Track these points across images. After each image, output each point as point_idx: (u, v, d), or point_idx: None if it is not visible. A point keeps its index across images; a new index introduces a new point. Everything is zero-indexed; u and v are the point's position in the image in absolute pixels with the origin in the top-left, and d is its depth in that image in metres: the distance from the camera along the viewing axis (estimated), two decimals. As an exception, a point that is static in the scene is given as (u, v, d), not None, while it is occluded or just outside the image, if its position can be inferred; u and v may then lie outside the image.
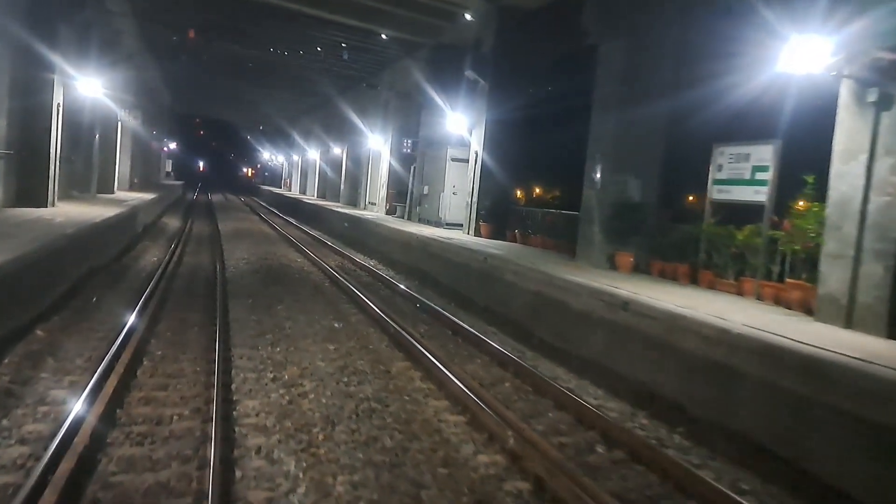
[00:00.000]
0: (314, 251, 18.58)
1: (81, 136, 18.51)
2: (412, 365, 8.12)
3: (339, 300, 11.83)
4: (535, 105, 15.81)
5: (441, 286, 13.66)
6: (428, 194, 21.34)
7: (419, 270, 15.37)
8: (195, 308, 10.24)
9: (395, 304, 11.91)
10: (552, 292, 9.76)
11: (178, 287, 11.91)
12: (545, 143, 16.41)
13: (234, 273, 13.93)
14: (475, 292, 12.21)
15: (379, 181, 28.09)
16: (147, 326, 8.67)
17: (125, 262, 14.03)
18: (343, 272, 15.12)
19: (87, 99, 17.11)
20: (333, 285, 13.42)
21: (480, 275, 12.14)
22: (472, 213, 17.32)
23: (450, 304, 12.12)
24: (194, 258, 16.00)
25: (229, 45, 26.90)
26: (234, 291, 11.72)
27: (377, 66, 26.12)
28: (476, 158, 17.32)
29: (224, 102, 49.87)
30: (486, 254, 12.52)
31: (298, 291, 12.09)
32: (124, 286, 11.35)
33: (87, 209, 15.27)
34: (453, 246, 14.02)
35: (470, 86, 17.64)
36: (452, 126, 17.98)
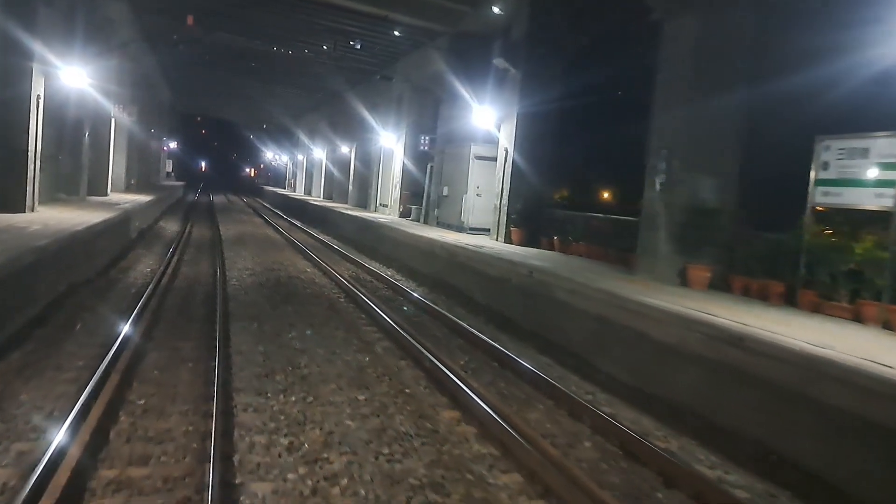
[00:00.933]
0: (324, 259, 16.87)
1: (68, 133, 16.81)
2: (462, 415, 6.39)
3: (360, 322, 10.10)
4: (575, 95, 14.07)
5: (473, 303, 11.92)
6: (448, 196, 19.60)
7: (445, 283, 13.63)
8: (190, 335, 8.53)
9: (425, 327, 10.18)
10: (622, 317, 8.01)
11: (172, 306, 10.20)
12: (587, 138, 14.70)
13: (236, 287, 12.21)
14: (517, 313, 10.47)
15: (391, 181, 26.37)
16: (129, 364, 6.95)
17: (112, 276, 12.32)
18: (359, 284, 13.39)
19: (72, 91, 15.40)
20: (350, 301, 11.70)
21: (524, 292, 10.39)
22: (502, 217, 15.58)
23: (488, 327, 10.38)
24: (192, 268, 14.30)
25: (230, 36, 25.20)
26: (236, 312, 10.00)
27: (390, 57, 24.37)
28: (506, 156, 15.58)
29: (226, 100, 48.21)
30: (529, 266, 10.78)
31: (312, 312, 10.35)
32: (106, 308, 9.63)
33: (71, 214, 13.58)
34: (486, 255, 12.27)
35: (498, 76, 15.90)
36: (478, 120, 16.24)
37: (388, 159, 27.33)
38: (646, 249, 10.30)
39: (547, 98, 14.75)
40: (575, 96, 14.17)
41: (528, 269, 10.55)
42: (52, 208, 14.45)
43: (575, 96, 14.17)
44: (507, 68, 15.36)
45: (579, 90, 13.93)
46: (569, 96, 14.28)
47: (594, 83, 13.76)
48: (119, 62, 22.03)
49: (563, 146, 14.77)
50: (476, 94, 16.58)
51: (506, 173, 15.56)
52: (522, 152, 15.24)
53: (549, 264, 11.30)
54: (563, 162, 14.51)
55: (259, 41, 25.62)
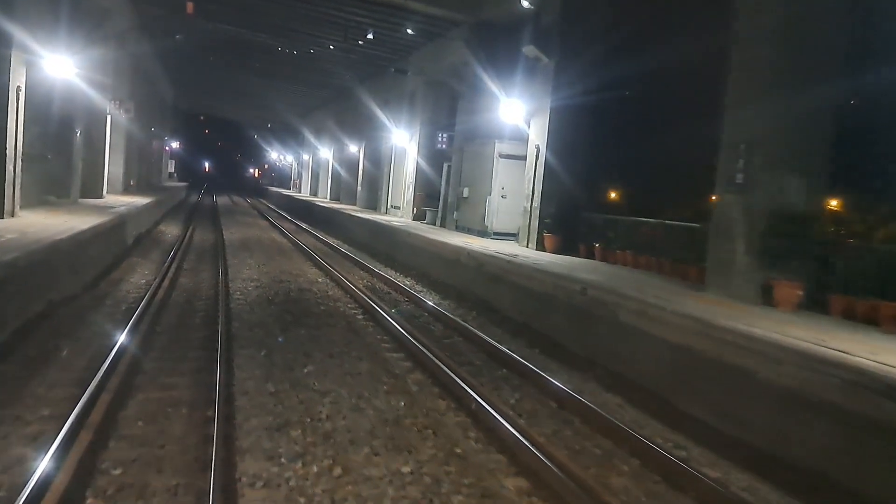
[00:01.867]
0: (336, 267, 15.43)
1: (57, 131, 15.40)
2: (531, 485, 4.95)
3: (384, 347, 8.64)
4: (617, 84, 12.57)
5: (510, 322, 10.44)
6: (468, 198, 18.14)
7: (474, 297, 12.17)
8: (186, 368, 7.10)
9: (459, 352, 8.73)
10: (712, 349, 6.55)
11: (166, 328, 8.77)
12: (633, 132, 13.20)
13: (240, 303, 10.78)
14: (568, 336, 8.99)
15: (404, 182, 24.93)
16: (108, 412, 5.55)
17: (101, 290, 10.90)
18: (377, 297, 11.95)
19: (60, 84, 13.99)
20: (369, 319, 10.25)
21: (575, 311, 8.92)
22: (533, 222, 14.11)
23: (533, 352, 8.91)
24: (192, 279, 12.87)
25: (233, 28, 23.81)
26: (240, 336, 8.56)
27: (403, 50, 22.90)
28: (537, 154, 14.12)
29: (230, 98, 46.90)
30: (577, 279, 9.32)
31: (328, 335, 8.87)
32: (89, 332, 8.19)
33: (57, 220, 12.17)
34: (524, 266, 10.81)
35: (528, 65, 14.43)
36: (505, 115, 14.77)
37: (399, 158, 25.91)
38: (718, 261, 8.82)
39: (584, 89, 13.28)
40: (617, 86, 12.69)
41: (579, 283, 9.09)
42: (37, 213, 13.04)
43: (617, 86, 12.69)
44: (538, 57, 13.89)
45: (622, 79, 12.44)
46: (610, 87, 12.79)
47: (644, 68, 12.23)
48: (115, 55, 20.64)
49: (605, 142, 13.29)
50: (502, 87, 15.12)
51: (537, 173, 14.09)
52: (556, 150, 13.78)
53: (600, 277, 9.83)
54: (605, 160, 13.02)
55: (264, 34, 24.23)
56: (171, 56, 30.92)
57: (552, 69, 13.69)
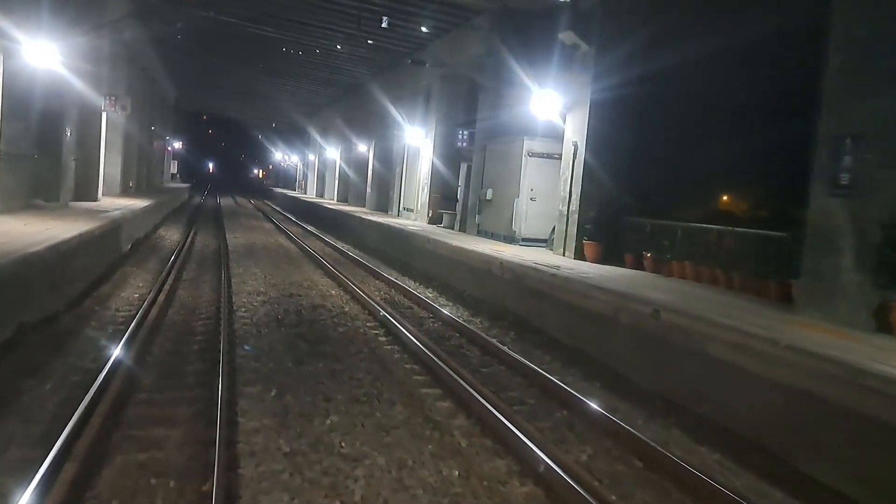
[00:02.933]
0: (349, 276, 14.03)
1: (45, 128, 14.04)
2: None
3: (417, 383, 7.22)
4: (663, 74, 11.14)
5: (559, 347, 8.99)
6: (492, 200, 16.71)
7: (509, 314, 10.74)
8: (178, 417, 5.71)
9: (506, 386, 7.32)
10: (850, 397, 5.11)
11: (157, 359, 7.37)
12: (689, 125, 11.75)
13: (246, 323, 9.37)
14: (634, 368, 7.55)
15: (417, 183, 23.53)
16: (66, 497, 4.16)
17: (86, 308, 9.50)
18: (399, 314, 10.55)
19: (48, 76, 12.62)
20: (395, 343, 8.84)
21: (644, 339, 7.49)
22: (570, 228, 12.68)
23: (593, 387, 7.46)
24: (191, 292, 11.49)
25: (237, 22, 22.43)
26: (245, 368, 7.16)
27: (416, 41, 21.46)
28: (574, 152, 12.69)
29: (233, 97, 45.54)
30: (644, 299, 7.88)
31: (352, 368, 7.40)
32: (63, 366, 6.79)
33: (40, 226, 10.79)
34: (574, 282, 9.38)
35: (565, 54, 13.00)
36: (537, 109, 13.34)
37: (413, 158, 24.52)
38: (816, 278, 7.39)
39: (628, 79, 11.85)
40: (663, 77, 11.25)
41: (646, 303, 7.65)
42: (18, 219, 11.66)
43: (663, 77, 11.25)
44: (576, 44, 12.47)
45: (668, 69, 10.99)
46: (655, 77, 11.36)
47: (689, 59, 10.79)
48: (110, 48, 19.30)
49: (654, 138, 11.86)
50: (534, 78, 13.69)
51: (574, 173, 12.67)
52: (596, 147, 12.36)
53: (669, 296, 8.39)
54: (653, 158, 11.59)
55: (269, 27, 22.85)
56: (172, 51, 29.59)
57: (592, 57, 12.27)
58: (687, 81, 11.41)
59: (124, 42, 22.29)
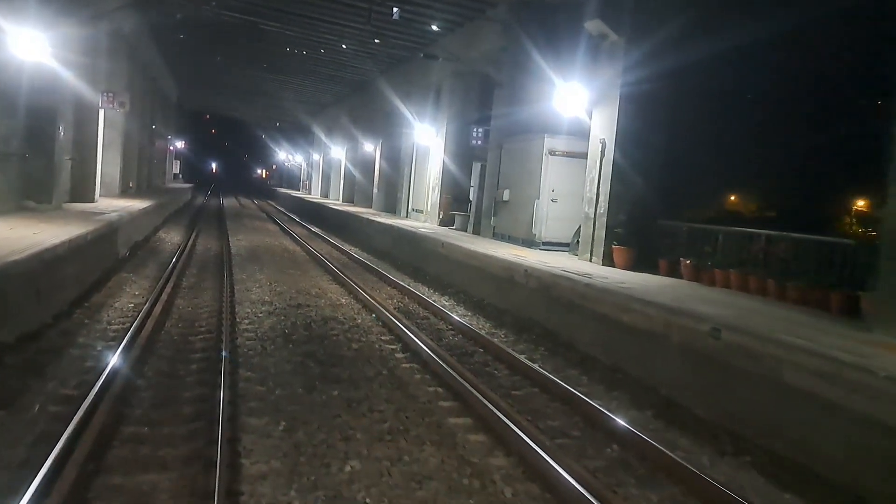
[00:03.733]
0: (359, 282, 13.19)
1: (33, 124, 13.22)
2: None
3: (445, 411, 6.36)
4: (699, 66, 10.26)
5: (597, 366, 8.12)
6: (509, 201, 15.85)
7: (535, 326, 9.88)
8: (171, 458, 4.88)
9: (544, 414, 6.46)
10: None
11: (150, 383, 6.52)
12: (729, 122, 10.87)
13: (250, 339, 8.53)
14: (689, 394, 6.66)
15: (427, 183, 22.69)
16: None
17: (74, 321, 8.66)
18: (415, 326, 9.72)
19: (30, 67, 11.78)
20: (415, 361, 7.98)
21: (699, 361, 6.61)
22: (598, 232, 11.81)
23: (644, 415, 6.60)
24: (191, 301, 10.66)
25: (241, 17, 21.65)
26: (250, 395, 6.30)
27: (427, 37, 20.59)
28: (602, 150, 11.82)
29: (237, 96, 44.81)
30: (697, 315, 7.01)
31: (371, 396, 6.47)
32: (40, 396, 5.93)
33: (28, 231, 9.95)
34: (613, 293, 8.50)
35: (591, 45, 12.14)
36: (561, 104, 12.48)
37: (422, 157, 23.67)
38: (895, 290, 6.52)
39: (663, 71, 10.98)
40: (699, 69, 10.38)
41: (700, 319, 6.77)
42: (5, 222, 10.82)
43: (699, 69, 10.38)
44: (604, 34, 11.60)
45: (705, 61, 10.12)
46: (697, 68, 10.49)
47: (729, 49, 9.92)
48: (108, 42, 18.48)
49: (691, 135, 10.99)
50: (556, 72, 12.82)
51: (602, 173, 11.80)
52: (626, 145, 11.50)
53: (723, 310, 7.51)
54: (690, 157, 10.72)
55: (274, 22, 22.04)
56: (173, 48, 28.85)
57: (622, 48, 11.41)
58: (726, 74, 10.55)
59: (123, 37, 21.49)
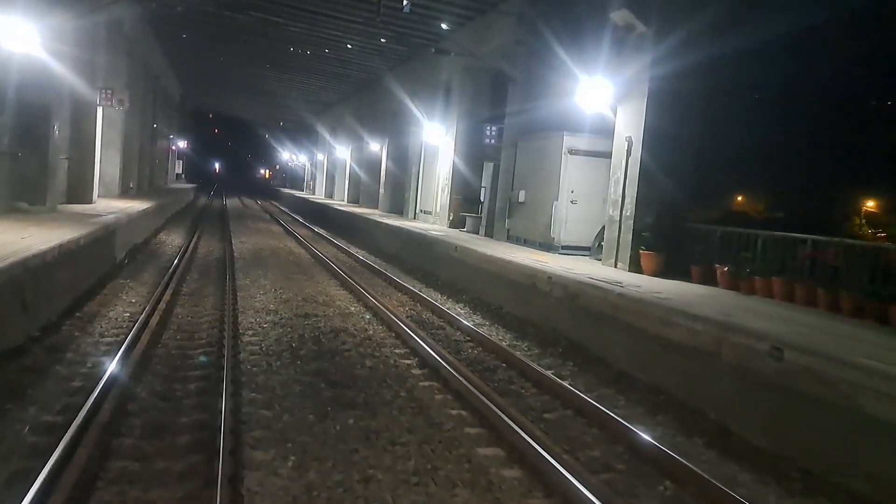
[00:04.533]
0: (369, 288, 12.51)
1: (25, 122, 12.57)
2: None
3: (471, 438, 5.67)
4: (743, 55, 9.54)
5: (634, 385, 7.40)
6: (524, 202, 15.15)
7: (561, 339, 9.17)
8: (163, 501, 4.19)
9: (583, 442, 5.78)
10: None
11: (143, 408, 5.84)
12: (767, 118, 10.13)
13: (254, 353, 7.84)
14: (746, 421, 5.93)
15: (436, 184, 22.00)
16: None
17: (63, 335, 7.97)
18: (431, 338, 9.04)
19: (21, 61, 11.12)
20: (434, 378, 7.29)
21: (757, 384, 5.89)
22: (624, 235, 11.10)
23: (693, 443, 5.89)
24: (191, 310, 9.98)
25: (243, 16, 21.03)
26: (254, 421, 5.62)
27: (436, 34, 19.90)
28: (628, 149, 11.11)
29: (240, 95, 44.24)
30: (753, 332, 6.30)
31: (391, 427, 5.71)
32: (20, 422, 5.25)
33: (16, 235, 9.27)
34: (651, 305, 7.79)
35: (616, 37, 11.44)
36: (584, 100, 11.77)
37: (431, 157, 22.98)
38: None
39: (694, 65, 10.27)
40: (743, 60, 9.66)
41: (757, 335, 6.07)
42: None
43: (743, 60, 9.66)
44: (630, 25, 10.90)
45: (749, 51, 9.41)
46: (731, 61, 9.78)
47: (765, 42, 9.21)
48: (107, 38, 17.86)
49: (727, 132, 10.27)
50: (579, 66, 12.11)
51: (629, 173, 11.09)
52: (654, 143, 10.79)
53: (779, 326, 6.78)
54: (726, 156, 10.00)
55: (278, 17, 21.40)
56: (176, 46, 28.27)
57: (650, 40, 10.70)
58: (764, 67, 9.79)
59: (123, 33, 20.86)
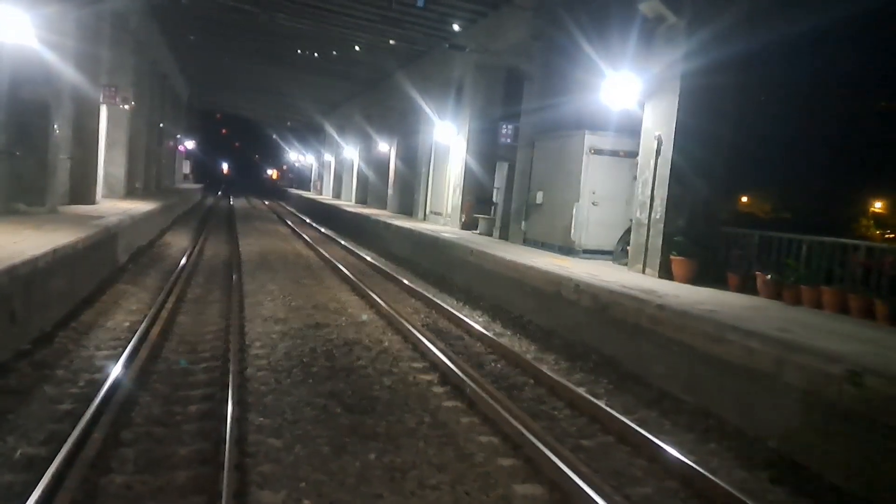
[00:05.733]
0: (381, 294, 11.90)
1: (23, 120, 12.04)
2: None
3: (514, 485, 5.04)
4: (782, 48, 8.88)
5: (678, 405, 6.74)
6: (542, 204, 14.50)
7: (591, 352, 8.54)
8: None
9: (633, 477, 5.14)
10: None
11: (138, 435, 5.24)
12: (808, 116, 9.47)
13: (261, 368, 7.24)
14: (832, 460, 5.27)
15: (447, 185, 21.39)
16: None
17: (57, 347, 7.39)
18: (451, 349, 8.42)
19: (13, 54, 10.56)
20: (458, 398, 6.68)
21: (839, 415, 5.23)
22: (653, 240, 10.45)
23: (757, 478, 5.24)
24: (195, 318, 9.40)
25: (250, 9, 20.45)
26: (261, 450, 5.01)
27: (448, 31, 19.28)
28: (658, 148, 10.46)
29: (247, 94, 43.83)
30: (826, 353, 5.64)
31: (416, 461, 5.05)
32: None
33: (8, 239, 8.70)
34: (695, 318, 7.13)
35: (645, 29, 10.80)
36: (610, 96, 11.13)
37: (441, 156, 22.37)
38: None
39: (730, 58, 9.62)
40: (782, 53, 9.00)
41: (826, 356, 5.41)
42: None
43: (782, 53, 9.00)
44: (661, 16, 10.25)
45: (790, 43, 8.76)
46: (770, 54, 9.11)
47: (821, 29, 8.54)
48: (112, 33, 17.33)
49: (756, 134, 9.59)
50: (602, 60, 11.47)
51: (658, 174, 10.44)
52: (686, 142, 10.13)
53: (851, 345, 6.11)
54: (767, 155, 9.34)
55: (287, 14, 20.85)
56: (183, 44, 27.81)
57: (682, 32, 10.04)
58: (806, 61, 9.12)
59: (129, 30, 20.37)
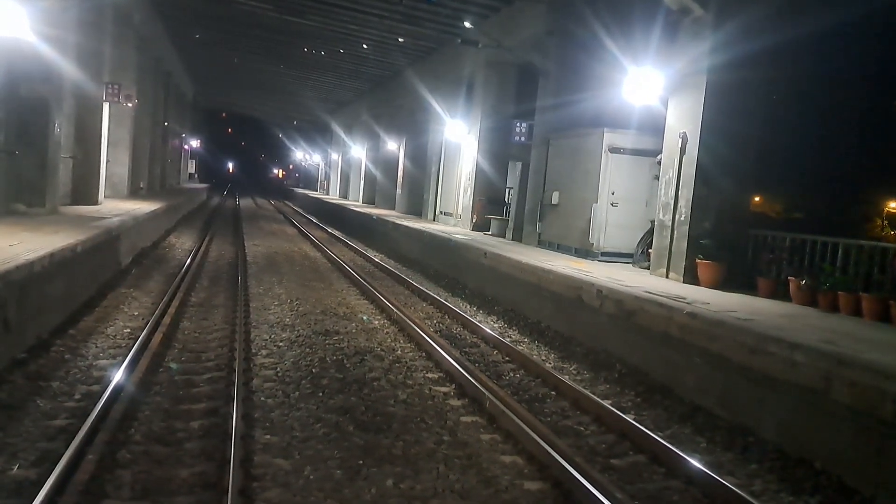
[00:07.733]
0: (391, 297, 11.48)
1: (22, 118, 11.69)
2: None
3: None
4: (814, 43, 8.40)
5: (715, 423, 6.27)
6: (558, 205, 14.05)
7: (617, 362, 8.09)
8: None
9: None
10: None
11: (135, 455, 4.81)
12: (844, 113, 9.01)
13: (268, 379, 6.82)
14: (882, 481, 4.85)
15: (458, 184, 20.97)
16: None
17: (52, 357, 6.99)
18: (466, 358, 7.99)
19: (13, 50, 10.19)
20: (477, 413, 6.25)
21: (893, 436, 4.80)
22: (678, 243, 9.98)
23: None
24: (199, 323, 9.00)
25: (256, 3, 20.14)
26: (268, 473, 4.59)
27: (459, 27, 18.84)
28: (682, 147, 10.00)
29: (253, 93, 43.54)
30: (885, 370, 5.19)
31: (436, 489, 4.57)
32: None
33: (4, 242, 8.33)
34: (734, 329, 6.67)
35: (668, 22, 10.34)
36: (632, 93, 10.67)
37: (452, 156, 21.95)
38: None
39: (759, 53, 9.15)
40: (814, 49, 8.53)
41: (884, 374, 4.96)
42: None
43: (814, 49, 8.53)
44: (685, 8, 9.78)
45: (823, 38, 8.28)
46: (801, 49, 8.64)
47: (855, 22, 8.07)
48: (115, 30, 17.00)
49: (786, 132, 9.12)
50: (622, 55, 11.02)
51: (683, 174, 9.97)
52: (712, 140, 9.66)
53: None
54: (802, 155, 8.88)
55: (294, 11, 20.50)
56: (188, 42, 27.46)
57: (709, 25, 9.58)
58: (839, 56, 8.64)
59: (133, 26, 20.07)
